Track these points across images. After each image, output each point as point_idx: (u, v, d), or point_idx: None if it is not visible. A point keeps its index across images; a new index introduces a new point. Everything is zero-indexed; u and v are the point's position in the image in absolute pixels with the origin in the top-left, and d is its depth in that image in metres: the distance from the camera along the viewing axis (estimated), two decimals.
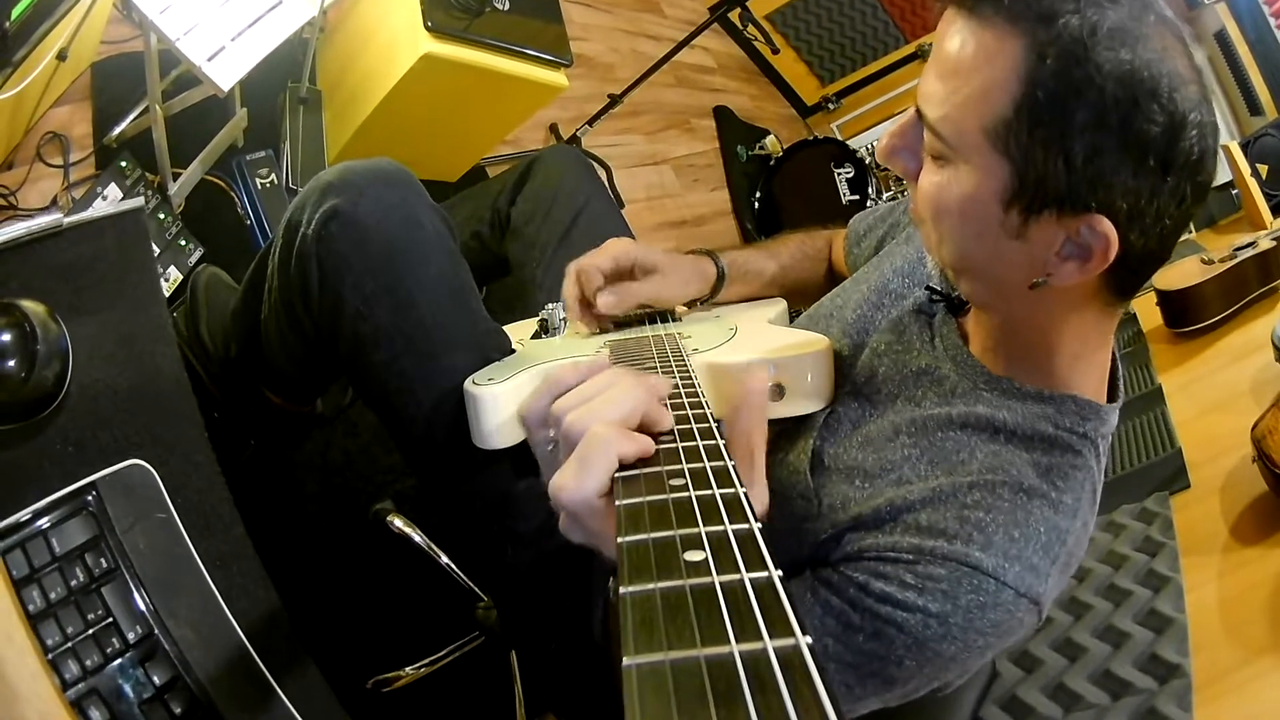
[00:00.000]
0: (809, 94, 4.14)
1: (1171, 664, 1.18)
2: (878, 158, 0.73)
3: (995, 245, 0.65)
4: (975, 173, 0.63)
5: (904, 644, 0.66)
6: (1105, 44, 0.55)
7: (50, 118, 1.47)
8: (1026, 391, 0.73)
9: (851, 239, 1.12)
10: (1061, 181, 0.59)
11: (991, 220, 0.64)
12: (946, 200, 0.65)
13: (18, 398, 0.68)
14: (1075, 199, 0.59)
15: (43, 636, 0.62)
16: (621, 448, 0.48)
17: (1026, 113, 0.58)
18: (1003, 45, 0.58)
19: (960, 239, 0.68)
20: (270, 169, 1.66)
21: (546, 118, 2.57)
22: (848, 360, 0.86)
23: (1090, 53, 0.55)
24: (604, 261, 0.96)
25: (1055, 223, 0.61)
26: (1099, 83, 0.55)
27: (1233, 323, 2.06)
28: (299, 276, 0.92)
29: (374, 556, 1.39)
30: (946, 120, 0.63)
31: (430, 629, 1.38)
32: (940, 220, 0.68)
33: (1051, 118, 0.57)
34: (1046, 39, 0.56)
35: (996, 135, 0.60)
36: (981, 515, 0.67)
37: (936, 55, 0.64)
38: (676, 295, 1.02)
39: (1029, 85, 0.57)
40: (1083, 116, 0.56)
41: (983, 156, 0.61)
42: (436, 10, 1.55)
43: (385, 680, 1.34)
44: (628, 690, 0.27)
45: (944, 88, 0.62)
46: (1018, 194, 0.61)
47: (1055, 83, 0.56)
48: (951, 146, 0.63)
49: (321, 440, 1.53)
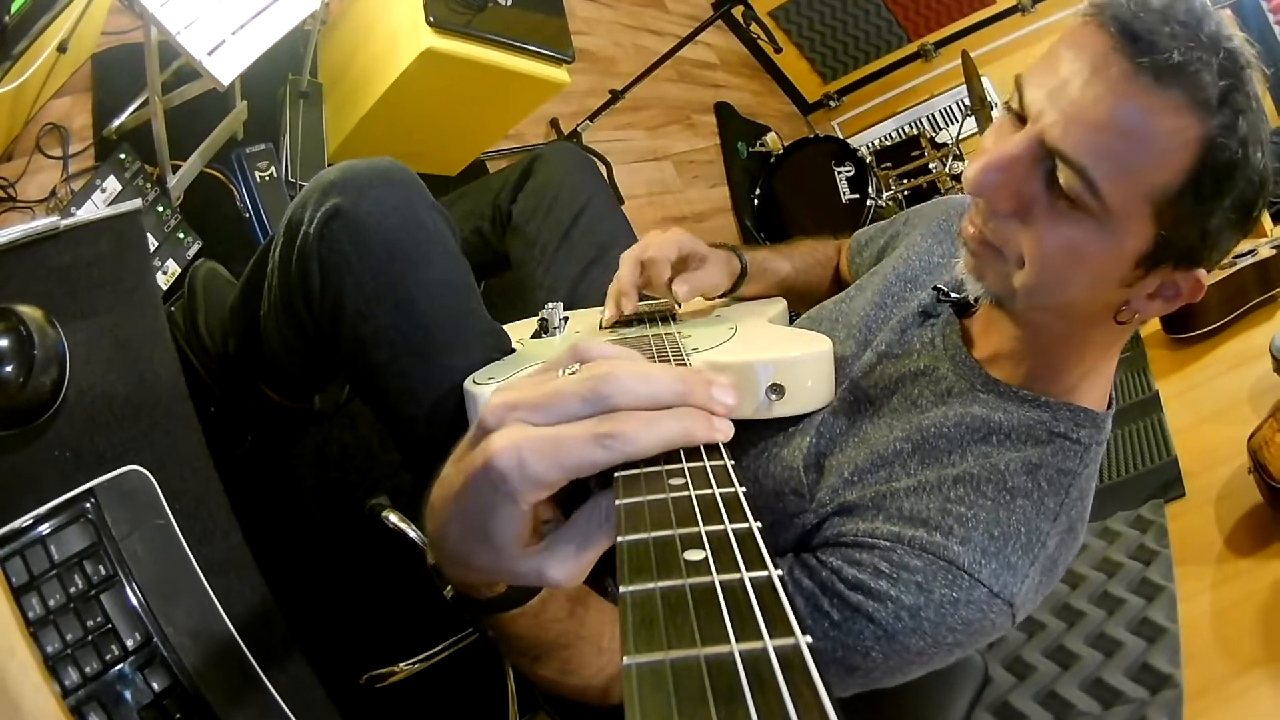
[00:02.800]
0: (811, 91, 4.13)
1: (1163, 674, 1.19)
2: (968, 189, 0.68)
3: (1104, 292, 0.68)
4: (1121, 231, 0.63)
5: (873, 634, 0.66)
6: (1254, 143, 0.60)
7: (50, 109, 1.46)
8: (1024, 396, 0.74)
9: (854, 249, 1.13)
10: (1192, 246, 0.63)
11: (1116, 272, 0.66)
12: (1082, 253, 0.65)
13: (15, 403, 0.67)
14: (1195, 258, 0.65)
15: (42, 644, 0.61)
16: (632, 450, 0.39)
17: (1191, 192, 0.60)
18: (1185, 124, 0.59)
19: (1072, 287, 0.68)
20: (270, 162, 1.65)
21: (548, 112, 2.56)
22: (849, 361, 0.87)
23: (1249, 150, 0.60)
24: (672, 251, 0.96)
25: (1167, 274, 0.65)
26: (1248, 177, 0.61)
27: (1231, 330, 2.06)
28: (300, 275, 0.92)
29: (369, 552, 1.39)
30: (1111, 179, 0.61)
31: (424, 625, 1.38)
32: (1060, 268, 0.67)
33: (1207, 199, 0.61)
34: (1221, 130, 0.59)
35: (1155, 204, 0.61)
36: (963, 510, 0.68)
37: (1091, 99, 0.61)
38: (723, 286, 1.03)
39: (1200, 168, 0.60)
40: (1228, 202, 0.61)
41: (1134, 219, 0.62)
42: (438, 5, 1.54)
43: (379, 676, 1.34)
44: (628, 690, 0.27)
45: (1108, 142, 0.60)
46: (1152, 255, 0.64)
47: (1221, 170, 0.60)
48: (1104, 202, 0.62)
49: (319, 436, 1.53)
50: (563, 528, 0.43)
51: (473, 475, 0.41)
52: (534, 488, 0.39)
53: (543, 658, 0.57)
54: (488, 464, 0.39)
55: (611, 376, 0.40)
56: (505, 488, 0.39)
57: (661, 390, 0.41)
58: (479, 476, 0.40)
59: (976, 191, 0.67)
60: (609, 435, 0.39)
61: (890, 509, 0.70)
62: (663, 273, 0.95)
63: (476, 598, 0.51)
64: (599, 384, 0.40)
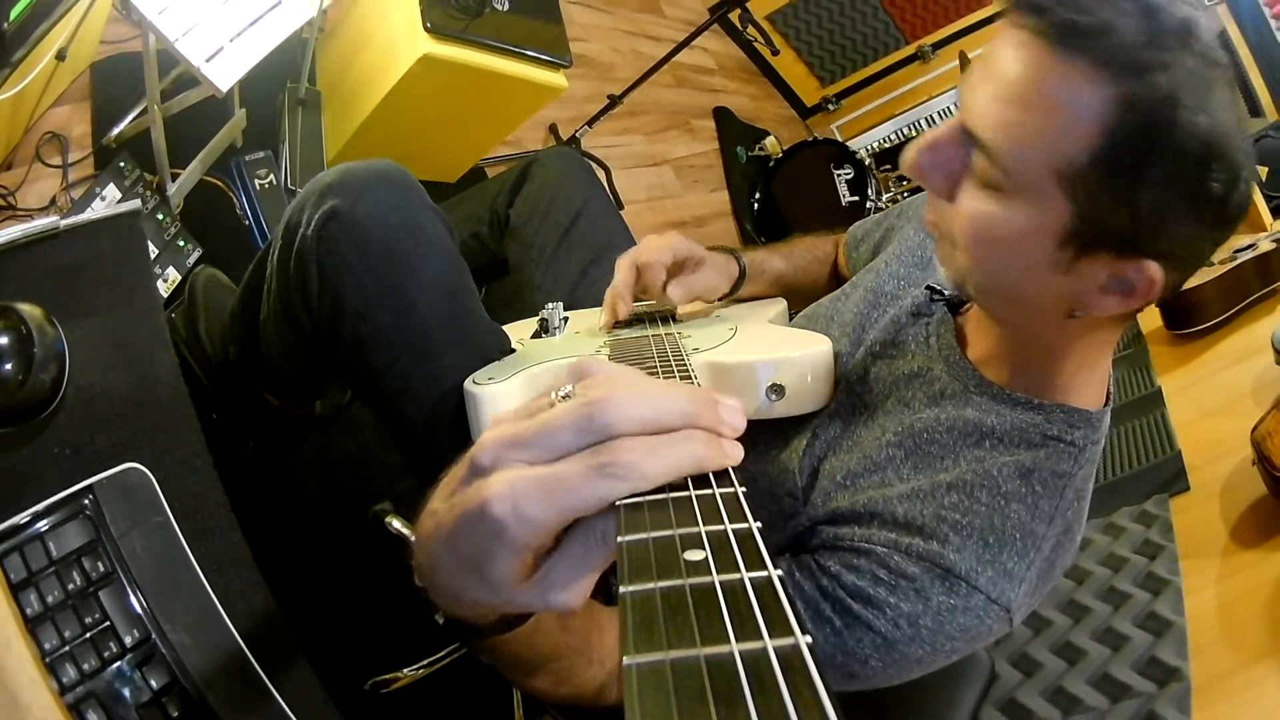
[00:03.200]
0: (809, 95, 4.13)
1: (1170, 667, 1.18)
2: (904, 170, 0.69)
3: (1038, 277, 0.64)
4: (1032, 209, 0.61)
5: (872, 643, 0.66)
6: (1186, 105, 0.54)
7: (49, 118, 1.47)
8: (1017, 398, 0.73)
9: (850, 244, 1.13)
10: (1124, 227, 0.58)
11: (1041, 255, 0.62)
12: (995, 231, 0.64)
13: (14, 401, 0.67)
14: (1133, 245, 0.59)
15: (40, 640, 0.61)
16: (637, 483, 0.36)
17: (1101, 161, 0.57)
18: (1086, 90, 0.56)
19: (1003, 270, 0.66)
20: (269, 169, 1.66)
21: (546, 118, 2.57)
22: (844, 361, 0.86)
23: (1173, 114, 0.54)
24: (665, 254, 0.96)
25: (1107, 262, 0.61)
26: (1178, 143, 0.55)
27: (1233, 325, 2.06)
28: (298, 277, 0.92)
29: (372, 557, 1.39)
30: (1010, 151, 0.60)
31: (429, 631, 1.38)
32: (982, 249, 0.66)
33: (1125, 169, 0.56)
34: (1133, 93, 0.55)
35: (1064, 177, 0.58)
36: (958, 517, 0.68)
37: (997, 75, 0.60)
38: (720, 289, 1.03)
39: (1108, 136, 0.56)
40: (1156, 173, 0.56)
41: (1044, 194, 0.60)
42: (435, 11, 1.55)
43: (383, 681, 1.33)
44: (628, 690, 0.27)
45: (1009, 116, 0.59)
46: (1075, 235, 0.60)
47: (1135, 137, 0.55)
48: (1010, 177, 0.61)
49: (320, 441, 1.53)
50: (558, 553, 0.39)
51: (466, 517, 0.38)
52: (533, 532, 0.36)
53: (536, 671, 0.56)
54: (483, 509, 0.36)
55: (607, 401, 0.37)
56: (504, 536, 0.36)
57: (664, 411, 0.38)
58: (473, 520, 0.37)
59: (910, 172, 0.68)
60: (607, 466, 0.35)
61: (885, 514, 0.70)
62: (658, 277, 0.95)
63: (468, 624, 0.48)
64: (594, 411, 0.37)
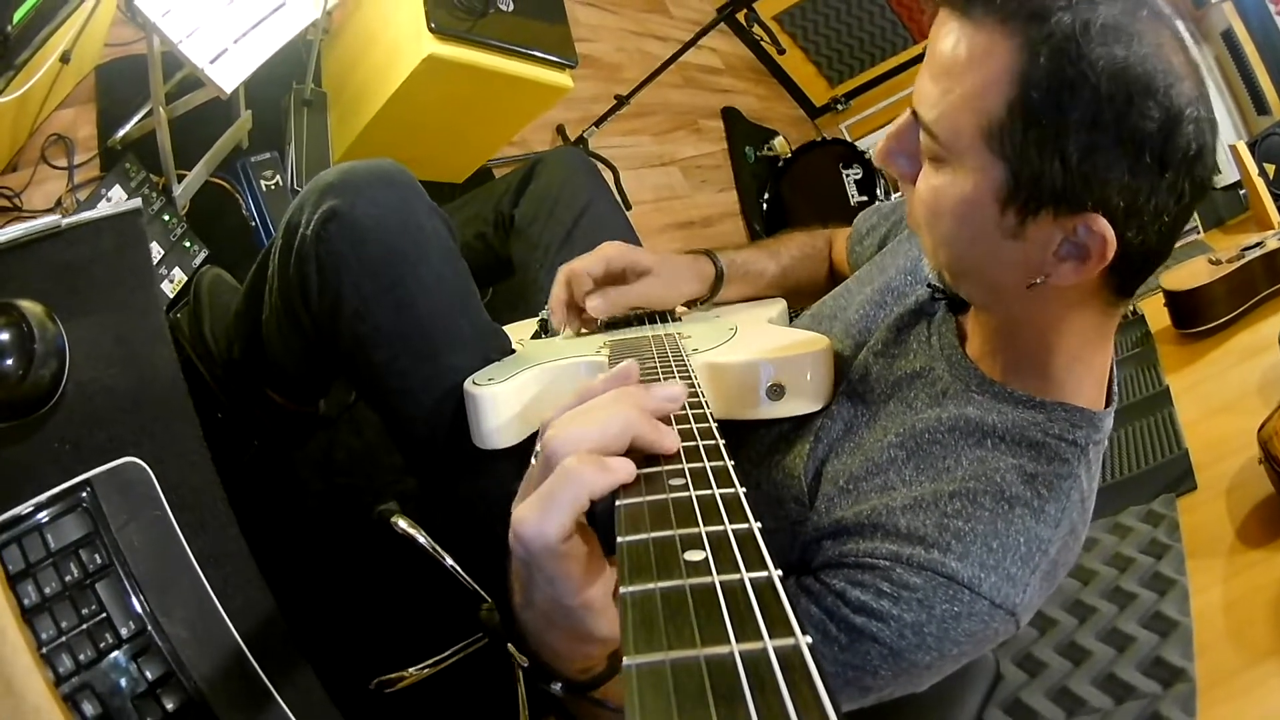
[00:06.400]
0: (818, 95, 4.12)
1: (1176, 668, 1.17)
2: (875, 161, 0.72)
3: (992, 246, 0.64)
4: (971, 174, 0.62)
5: (879, 654, 0.66)
6: (1098, 40, 0.54)
7: (55, 120, 1.48)
8: (1018, 397, 0.72)
9: (854, 237, 1.11)
10: (1058, 180, 0.58)
11: (988, 222, 0.63)
12: (944, 203, 0.65)
13: (15, 396, 0.68)
14: (1071, 198, 0.58)
15: (37, 631, 0.62)
16: (593, 484, 0.42)
17: (1020, 112, 0.57)
18: (995, 45, 0.58)
19: (957, 241, 0.67)
20: (275, 171, 1.67)
21: (553, 119, 2.57)
22: (847, 361, 0.86)
23: (1083, 49, 0.54)
24: (595, 265, 0.96)
25: (1052, 222, 0.60)
26: (1093, 80, 0.54)
27: (1240, 323, 2.04)
28: (298, 277, 0.93)
29: (378, 557, 1.39)
30: (941, 121, 0.62)
31: (434, 630, 1.38)
32: (937, 223, 0.67)
33: (1046, 116, 0.57)
34: (1039, 37, 0.56)
35: (991, 135, 0.59)
36: (961, 524, 0.67)
37: (930, 57, 0.63)
38: (669, 297, 1.02)
39: (1022, 85, 0.57)
40: (1077, 115, 0.56)
41: (978, 157, 0.61)
42: (440, 11, 1.56)
43: (388, 681, 1.34)
44: (628, 690, 0.27)
45: (937, 88, 0.62)
46: (1014, 194, 0.60)
47: (1049, 81, 0.56)
48: (947, 148, 0.63)
49: (325, 440, 1.54)
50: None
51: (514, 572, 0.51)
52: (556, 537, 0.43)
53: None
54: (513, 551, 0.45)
55: (551, 439, 0.45)
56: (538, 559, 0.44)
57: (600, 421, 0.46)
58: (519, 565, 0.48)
59: (879, 163, 0.72)
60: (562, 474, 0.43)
61: (888, 526, 0.69)
62: (582, 287, 0.96)
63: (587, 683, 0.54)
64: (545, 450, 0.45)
